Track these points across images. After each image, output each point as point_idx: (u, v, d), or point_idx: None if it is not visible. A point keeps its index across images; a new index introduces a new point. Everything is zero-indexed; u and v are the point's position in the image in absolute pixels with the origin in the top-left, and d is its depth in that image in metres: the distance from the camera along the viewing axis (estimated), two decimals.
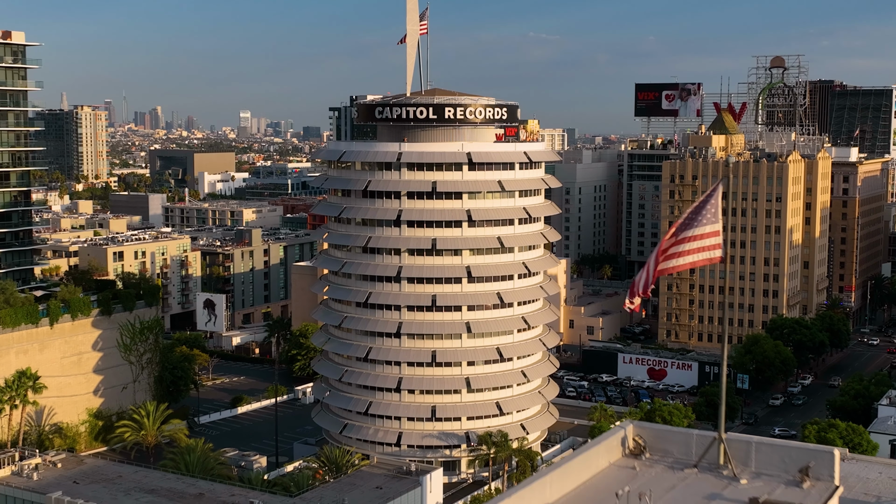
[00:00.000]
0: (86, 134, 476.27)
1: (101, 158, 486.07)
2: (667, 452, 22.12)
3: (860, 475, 44.45)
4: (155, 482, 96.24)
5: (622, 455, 21.83)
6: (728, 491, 20.24)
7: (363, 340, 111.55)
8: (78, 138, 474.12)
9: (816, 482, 20.58)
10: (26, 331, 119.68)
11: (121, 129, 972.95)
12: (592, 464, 20.59)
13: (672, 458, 21.92)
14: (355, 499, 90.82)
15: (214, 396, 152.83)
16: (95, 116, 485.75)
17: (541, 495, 18.91)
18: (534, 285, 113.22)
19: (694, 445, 21.98)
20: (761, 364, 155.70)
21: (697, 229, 21.75)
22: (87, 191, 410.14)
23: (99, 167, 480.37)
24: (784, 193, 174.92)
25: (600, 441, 21.17)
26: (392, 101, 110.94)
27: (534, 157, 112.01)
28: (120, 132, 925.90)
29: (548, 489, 19.25)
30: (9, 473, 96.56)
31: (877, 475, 42.94)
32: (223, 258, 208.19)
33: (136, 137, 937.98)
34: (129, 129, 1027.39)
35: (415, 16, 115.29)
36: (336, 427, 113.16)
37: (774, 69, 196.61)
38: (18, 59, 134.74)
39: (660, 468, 21.39)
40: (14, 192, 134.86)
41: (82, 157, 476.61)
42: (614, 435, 21.71)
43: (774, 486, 20.35)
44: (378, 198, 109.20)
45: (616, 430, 21.98)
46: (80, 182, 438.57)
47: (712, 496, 19.86)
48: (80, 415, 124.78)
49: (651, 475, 20.82)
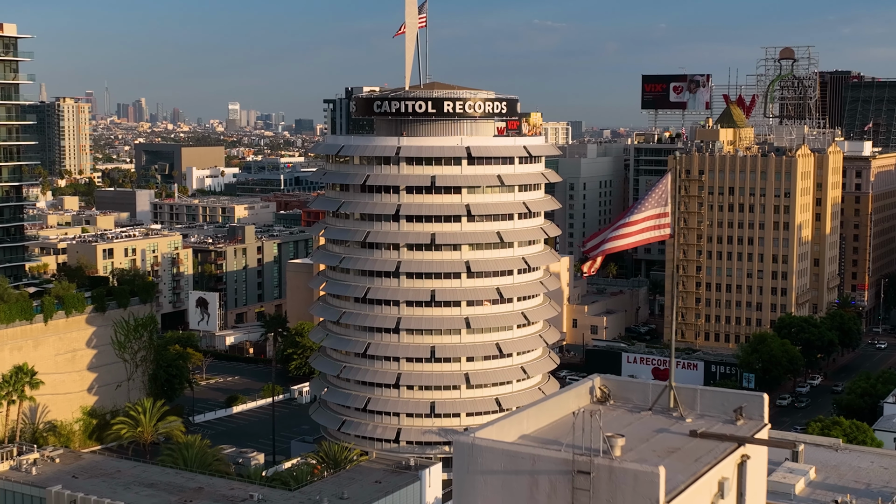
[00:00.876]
0: (68, 127, 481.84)
1: (85, 153, 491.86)
2: (627, 399, 27.92)
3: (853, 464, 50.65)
4: (154, 476, 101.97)
5: (590, 402, 27.62)
6: (675, 427, 26.04)
7: (361, 336, 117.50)
8: (60, 132, 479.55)
9: (748, 420, 26.35)
10: (20, 327, 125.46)
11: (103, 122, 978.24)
12: (563, 406, 26.34)
13: (632, 404, 27.71)
14: (354, 493, 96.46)
15: (209, 396, 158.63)
16: (78, 109, 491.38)
17: (518, 427, 24.68)
18: (533, 281, 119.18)
19: (650, 393, 27.78)
20: (768, 363, 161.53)
21: (648, 211, 27.30)
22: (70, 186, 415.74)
23: (82, 162, 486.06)
24: (793, 188, 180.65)
25: (571, 389, 26.94)
26: (391, 94, 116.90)
27: (533, 151, 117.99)
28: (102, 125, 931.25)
29: (524, 423, 25.03)
30: (7, 468, 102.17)
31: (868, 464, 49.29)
32: (215, 256, 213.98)
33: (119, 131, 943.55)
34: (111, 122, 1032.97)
35: (413, 9, 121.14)
36: (334, 424, 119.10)
37: (784, 61, 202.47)
38: (10, 51, 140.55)
39: (621, 411, 27.19)
40: (5, 188, 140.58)
41: (64, 151, 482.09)
42: (583, 385, 27.51)
43: (714, 423, 26.14)
44: (377, 192, 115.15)
45: (585, 380, 27.77)
46: (62, 178, 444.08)
47: (661, 430, 25.64)
48: (74, 413, 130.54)
49: (613, 416, 26.61)
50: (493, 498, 22.70)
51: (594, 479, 21.68)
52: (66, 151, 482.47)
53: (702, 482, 23.05)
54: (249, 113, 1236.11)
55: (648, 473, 21.26)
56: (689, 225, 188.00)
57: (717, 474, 23.85)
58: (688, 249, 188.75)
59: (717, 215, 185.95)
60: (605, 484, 21.66)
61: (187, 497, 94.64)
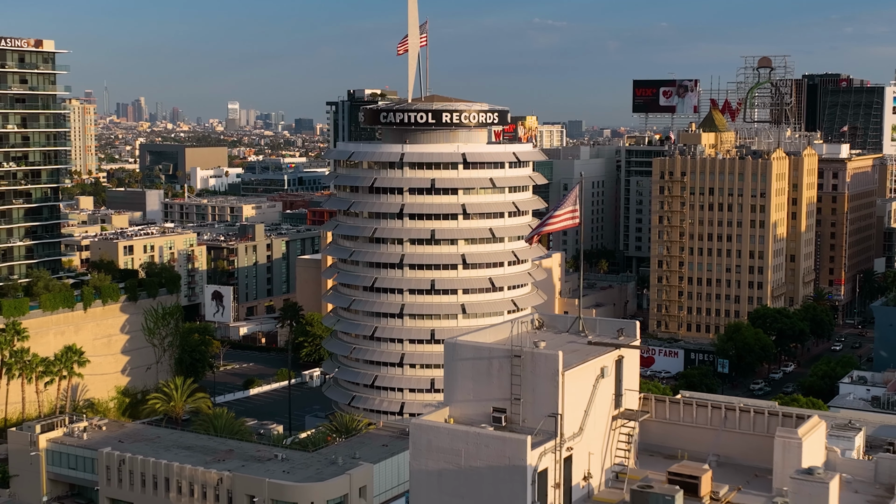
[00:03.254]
0: (74, 128, 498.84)
1: (90, 153, 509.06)
2: (554, 327, 45.19)
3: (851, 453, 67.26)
4: (189, 441, 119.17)
5: (530, 328, 44.92)
6: (580, 340, 43.36)
7: (369, 321, 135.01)
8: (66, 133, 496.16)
9: (626, 337, 43.68)
10: (63, 314, 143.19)
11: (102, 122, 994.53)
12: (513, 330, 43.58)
13: (556, 330, 45.01)
14: (365, 454, 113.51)
15: (227, 380, 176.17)
16: (84, 110, 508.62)
17: (483, 338, 41.96)
18: (522, 272, 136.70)
19: (569, 323, 45.07)
20: (742, 350, 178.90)
21: (565, 208, 44.21)
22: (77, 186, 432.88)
23: (88, 162, 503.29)
24: (768, 189, 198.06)
25: (518, 319, 44.19)
26: (395, 106, 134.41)
27: (522, 157, 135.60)
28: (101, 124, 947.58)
29: (487, 336, 42.28)
30: (61, 434, 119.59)
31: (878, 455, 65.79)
32: (227, 252, 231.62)
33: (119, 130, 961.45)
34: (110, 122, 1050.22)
35: (415, 29, 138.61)
36: (345, 399, 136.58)
37: (762, 69, 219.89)
38: (49, 65, 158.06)
39: (549, 333, 44.50)
40: (45, 189, 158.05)
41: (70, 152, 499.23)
42: (527, 317, 44.79)
43: (604, 339, 43.45)
44: (383, 193, 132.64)
45: (529, 314, 45.05)
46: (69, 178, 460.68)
47: (570, 342, 42.96)
48: (110, 392, 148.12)
49: (541, 334, 43.92)
50: (466, 374, 39.80)
51: (522, 360, 38.66)
52: (72, 152, 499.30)
53: (588, 365, 39.98)
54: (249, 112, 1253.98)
55: (553, 355, 38.20)
56: (672, 223, 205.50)
57: (599, 363, 40.79)
58: (671, 246, 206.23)
59: (699, 214, 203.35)
60: (528, 362, 38.61)
61: (220, 457, 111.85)
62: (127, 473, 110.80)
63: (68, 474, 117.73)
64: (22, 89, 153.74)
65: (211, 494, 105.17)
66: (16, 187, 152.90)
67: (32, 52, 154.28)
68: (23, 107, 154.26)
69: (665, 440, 44.78)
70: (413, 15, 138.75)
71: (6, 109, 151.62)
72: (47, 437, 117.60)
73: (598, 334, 44.37)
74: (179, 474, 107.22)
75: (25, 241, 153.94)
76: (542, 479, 37.39)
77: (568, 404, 38.53)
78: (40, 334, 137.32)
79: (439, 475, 37.92)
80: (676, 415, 45.21)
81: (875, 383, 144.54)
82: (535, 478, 36.87)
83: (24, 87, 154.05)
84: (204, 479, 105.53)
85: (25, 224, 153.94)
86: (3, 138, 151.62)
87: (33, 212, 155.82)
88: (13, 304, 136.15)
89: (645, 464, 43.13)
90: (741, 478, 41.78)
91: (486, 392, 39.34)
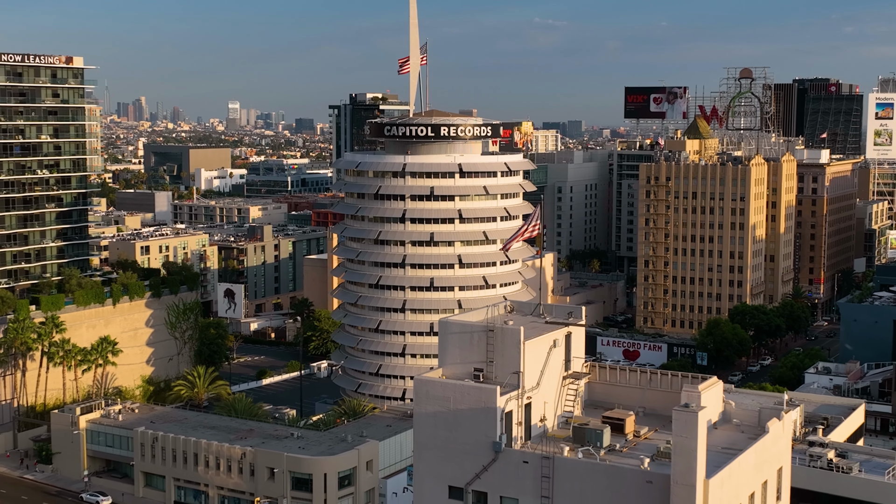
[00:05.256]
0: None
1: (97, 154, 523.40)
2: (523, 312, 60.90)
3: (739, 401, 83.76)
4: (214, 422, 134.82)
5: (502, 312, 60.58)
6: (539, 321, 59.09)
7: (374, 315, 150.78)
8: None
9: (574, 319, 59.37)
10: (95, 309, 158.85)
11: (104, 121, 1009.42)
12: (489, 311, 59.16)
13: (523, 313, 60.72)
14: (371, 432, 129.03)
15: (241, 371, 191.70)
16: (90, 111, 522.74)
17: (468, 318, 57.64)
18: (513, 270, 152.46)
19: (532, 307, 60.77)
20: (720, 344, 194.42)
21: (531, 223, 59.55)
22: None
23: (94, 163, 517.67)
24: (747, 193, 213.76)
25: (496, 305, 59.74)
26: (398, 121, 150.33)
27: (512, 166, 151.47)
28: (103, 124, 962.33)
29: (467, 318, 57.94)
30: (98, 416, 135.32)
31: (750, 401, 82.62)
32: (238, 252, 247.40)
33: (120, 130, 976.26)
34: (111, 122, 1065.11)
35: (416, 49, 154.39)
36: (352, 386, 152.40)
37: (743, 80, 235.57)
38: (78, 80, 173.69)
39: (517, 315, 60.20)
40: (74, 194, 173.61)
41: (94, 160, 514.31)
42: (501, 303, 60.41)
43: (557, 319, 59.12)
44: (387, 200, 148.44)
45: (503, 301, 60.69)
46: None
47: (532, 321, 58.67)
48: (136, 380, 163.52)
49: (511, 316, 59.61)
50: (454, 343, 55.29)
51: (495, 333, 54.10)
52: None
53: (543, 338, 55.30)
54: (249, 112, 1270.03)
55: (517, 329, 53.64)
56: (657, 225, 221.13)
57: (552, 336, 56.15)
58: (657, 247, 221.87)
59: (683, 217, 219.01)
60: (499, 335, 53.94)
61: (242, 435, 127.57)
62: (160, 450, 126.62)
63: (106, 451, 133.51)
64: (54, 102, 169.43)
65: (235, 467, 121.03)
66: (48, 192, 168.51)
67: (64, 69, 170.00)
68: (55, 118, 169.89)
69: (605, 397, 60.29)
70: (413, 30, 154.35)
71: (40, 121, 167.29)
72: (87, 419, 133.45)
73: (553, 316, 59.97)
74: (207, 450, 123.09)
75: (57, 242, 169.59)
76: (508, 419, 52.80)
77: (528, 366, 54.03)
78: (74, 327, 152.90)
79: (435, 415, 53.33)
80: (615, 378, 60.77)
81: (838, 373, 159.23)
82: (503, 417, 52.31)
83: (56, 100, 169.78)
84: (229, 454, 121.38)
85: (57, 226, 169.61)
86: (37, 147, 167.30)
87: (64, 215, 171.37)
88: (50, 300, 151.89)
89: (588, 413, 58.64)
90: (659, 423, 57.16)
91: (469, 356, 54.88)
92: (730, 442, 54.30)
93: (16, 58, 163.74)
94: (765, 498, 54.53)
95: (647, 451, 52.36)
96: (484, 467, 51.88)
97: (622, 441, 54.04)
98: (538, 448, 51.48)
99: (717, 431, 55.50)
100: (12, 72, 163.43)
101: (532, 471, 50.96)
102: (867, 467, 76.92)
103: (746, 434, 56.21)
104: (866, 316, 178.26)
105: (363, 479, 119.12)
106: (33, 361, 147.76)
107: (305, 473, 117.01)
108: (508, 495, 51.77)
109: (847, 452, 78.13)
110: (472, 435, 52.21)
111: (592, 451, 51.42)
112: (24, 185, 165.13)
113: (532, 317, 60.33)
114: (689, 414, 47.62)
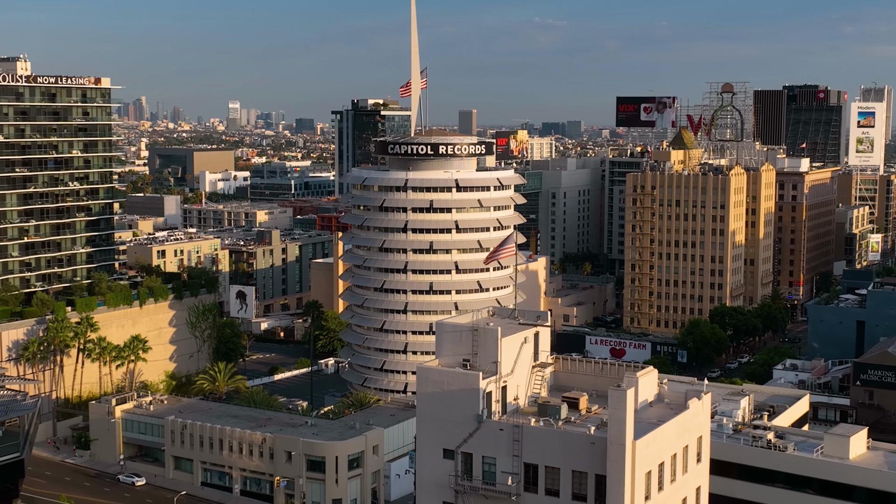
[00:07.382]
0: None
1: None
2: (502, 315, 78.29)
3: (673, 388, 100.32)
4: (235, 412, 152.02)
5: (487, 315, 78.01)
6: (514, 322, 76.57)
7: (379, 316, 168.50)
8: None
9: (541, 321, 76.80)
10: (123, 310, 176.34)
11: None
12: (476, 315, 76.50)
13: (501, 316, 78.15)
14: (377, 421, 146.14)
15: (254, 367, 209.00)
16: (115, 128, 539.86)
17: (459, 320, 75.15)
18: (504, 275, 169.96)
19: (507, 311, 78.18)
20: (699, 343, 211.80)
21: (507, 244, 76.56)
22: None
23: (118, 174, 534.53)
24: (727, 201, 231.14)
25: (482, 308, 77.08)
26: (401, 140, 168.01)
27: (504, 181, 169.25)
28: None
29: (458, 320, 75.39)
30: (132, 406, 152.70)
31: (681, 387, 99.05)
32: (247, 256, 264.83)
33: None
34: None
35: (417, 74, 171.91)
36: (358, 380, 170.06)
37: (725, 94, 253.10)
38: (105, 98, 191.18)
39: (497, 318, 77.62)
40: (102, 204, 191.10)
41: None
42: (486, 308, 77.84)
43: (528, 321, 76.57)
44: (390, 212, 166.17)
45: (485, 307, 78.09)
46: None
47: (509, 323, 76.15)
48: (160, 376, 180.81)
49: (493, 318, 77.05)
50: (448, 339, 72.61)
51: (479, 332, 71.30)
52: None
53: (516, 335, 72.42)
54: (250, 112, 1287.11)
55: (495, 329, 70.79)
56: (643, 231, 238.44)
57: (523, 335, 73.22)
58: (642, 251, 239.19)
59: (667, 223, 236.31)
60: (482, 335, 71.12)
61: (261, 423, 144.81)
62: (188, 436, 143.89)
63: (139, 438, 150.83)
64: (84, 120, 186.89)
65: (256, 451, 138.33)
66: (79, 203, 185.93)
67: (92, 89, 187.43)
68: (84, 135, 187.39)
69: (567, 383, 77.67)
70: (414, 30, 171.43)
71: (72, 137, 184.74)
72: (121, 409, 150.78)
73: (525, 319, 77.44)
74: (231, 436, 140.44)
75: (86, 248, 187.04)
76: (488, 398, 70.15)
77: (504, 357, 71.36)
78: (106, 326, 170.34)
79: (432, 395, 70.65)
80: (575, 367, 78.18)
81: (804, 370, 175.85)
82: (485, 396, 69.65)
83: (85, 118, 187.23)
84: (251, 439, 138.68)
85: (86, 234, 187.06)
86: (69, 162, 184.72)
87: (92, 223, 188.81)
88: (84, 302, 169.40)
89: (552, 395, 76.00)
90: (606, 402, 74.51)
91: (459, 350, 72.24)
92: (660, 416, 71.73)
93: (49, 80, 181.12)
94: (686, 459, 71.96)
95: (594, 422, 69.69)
96: (470, 434, 69.24)
97: (577, 415, 71.43)
98: (511, 419, 68.83)
99: (651, 409, 72.90)
100: (47, 93, 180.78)
101: (506, 436, 68.24)
102: (802, 447, 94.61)
103: (675, 411, 73.64)
104: (832, 317, 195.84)
105: (370, 461, 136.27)
106: (69, 357, 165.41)
107: (319, 456, 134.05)
108: (488, 455, 69.16)
109: (786, 434, 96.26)
110: (461, 410, 69.46)
111: (552, 421, 68.85)
112: (57, 197, 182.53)
113: (509, 319, 77.81)
114: (620, 391, 65.05)
